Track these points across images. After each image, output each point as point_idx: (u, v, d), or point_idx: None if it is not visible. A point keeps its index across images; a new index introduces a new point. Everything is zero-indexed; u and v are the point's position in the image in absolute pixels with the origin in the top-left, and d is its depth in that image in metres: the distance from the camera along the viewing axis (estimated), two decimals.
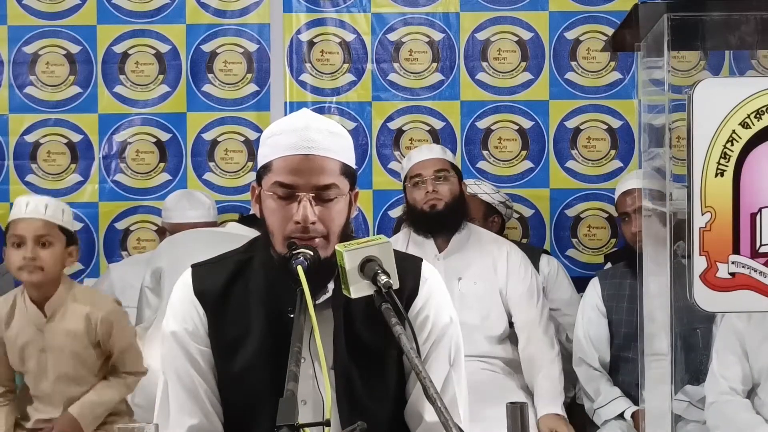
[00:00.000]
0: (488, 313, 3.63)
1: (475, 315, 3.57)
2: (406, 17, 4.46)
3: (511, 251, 3.71)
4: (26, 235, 3.09)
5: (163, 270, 3.67)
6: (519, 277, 3.66)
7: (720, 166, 1.99)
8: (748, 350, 3.05)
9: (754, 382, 3.08)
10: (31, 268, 3.08)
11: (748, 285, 2.02)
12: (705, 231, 2.00)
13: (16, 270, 3.12)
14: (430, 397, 1.54)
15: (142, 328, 3.69)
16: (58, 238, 3.14)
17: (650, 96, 2.13)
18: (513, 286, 3.64)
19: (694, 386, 3.35)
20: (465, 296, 3.57)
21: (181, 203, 4.18)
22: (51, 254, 3.11)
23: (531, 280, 3.68)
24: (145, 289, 3.80)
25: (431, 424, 1.96)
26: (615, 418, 3.57)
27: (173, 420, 2.00)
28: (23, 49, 4.43)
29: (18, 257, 3.09)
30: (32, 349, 3.16)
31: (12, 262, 3.11)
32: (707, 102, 1.99)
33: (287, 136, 1.94)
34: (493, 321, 3.64)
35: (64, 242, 3.16)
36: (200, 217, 4.14)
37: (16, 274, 3.15)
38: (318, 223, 1.91)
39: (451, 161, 3.80)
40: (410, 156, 3.83)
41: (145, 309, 3.83)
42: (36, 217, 3.11)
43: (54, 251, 3.12)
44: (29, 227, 3.10)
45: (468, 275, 3.64)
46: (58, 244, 3.13)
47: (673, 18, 1.99)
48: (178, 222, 4.12)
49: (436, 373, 1.97)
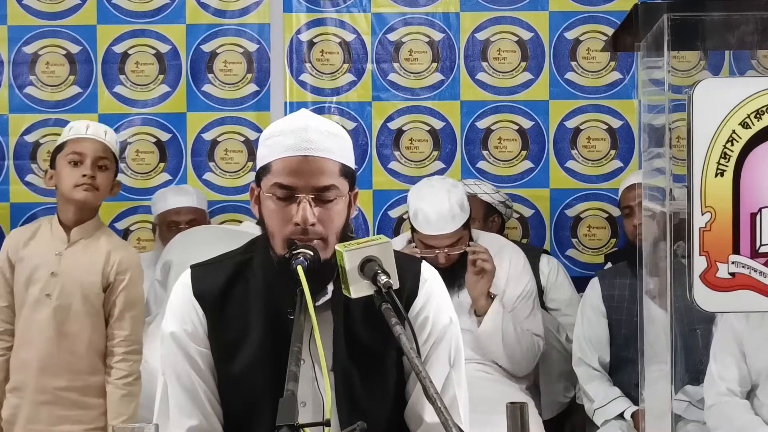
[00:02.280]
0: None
1: (474, 322, 3.56)
2: (406, 17, 4.46)
3: (513, 259, 3.70)
4: (87, 154, 3.10)
5: (172, 263, 3.68)
6: (518, 284, 3.66)
7: (720, 166, 1.99)
8: (746, 352, 3.05)
9: (753, 384, 3.08)
10: (88, 187, 3.09)
11: (748, 285, 2.02)
12: (705, 231, 1.99)
13: (71, 187, 3.10)
14: (430, 398, 1.54)
15: (144, 323, 3.69)
16: (112, 164, 3.17)
17: (650, 96, 2.13)
18: (510, 292, 3.64)
19: (694, 386, 3.35)
20: (462, 304, 3.57)
21: (165, 194, 4.24)
22: (107, 178, 3.14)
23: (529, 287, 3.69)
24: (155, 282, 3.81)
25: (431, 425, 1.96)
26: (615, 418, 3.57)
27: (173, 421, 1.99)
28: (23, 49, 4.43)
29: (76, 174, 3.09)
30: (43, 272, 3.12)
31: (68, 179, 3.10)
32: (707, 102, 1.99)
33: (286, 137, 1.94)
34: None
35: (114, 171, 3.19)
36: (185, 203, 4.17)
37: (70, 192, 3.12)
38: (317, 225, 1.90)
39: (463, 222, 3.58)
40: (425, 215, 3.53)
41: (152, 301, 3.84)
42: (98, 139, 3.14)
43: (109, 176, 3.15)
44: (91, 147, 3.12)
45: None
46: (111, 170, 3.17)
47: (673, 18, 1.99)
48: (164, 211, 4.16)
49: (436, 374, 1.96)
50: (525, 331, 3.59)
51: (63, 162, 3.13)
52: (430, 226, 3.53)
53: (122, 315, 3.16)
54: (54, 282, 3.12)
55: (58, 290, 3.12)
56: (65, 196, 3.15)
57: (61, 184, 3.14)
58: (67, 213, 3.16)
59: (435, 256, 3.52)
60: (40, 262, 3.13)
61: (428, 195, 3.58)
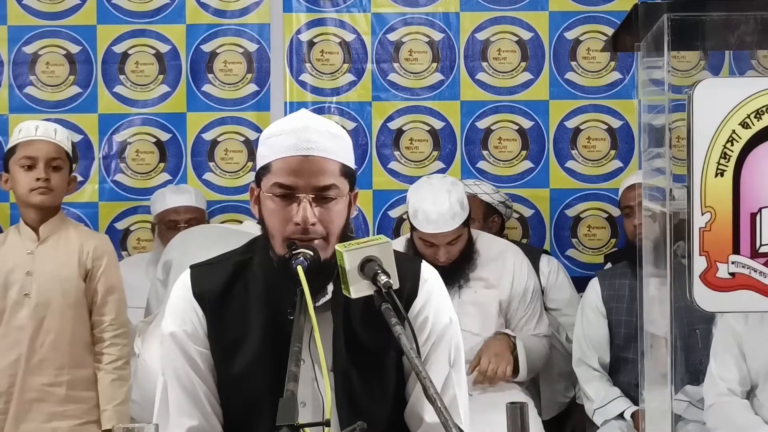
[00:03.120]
0: (485, 320, 3.63)
1: (474, 323, 3.57)
2: (406, 17, 4.45)
3: (516, 262, 3.72)
4: (39, 157, 3.09)
5: (172, 262, 3.67)
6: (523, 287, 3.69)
7: (720, 166, 1.99)
8: (746, 352, 3.05)
9: (752, 384, 3.08)
10: (43, 190, 3.09)
11: (748, 285, 2.02)
12: (705, 231, 1.99)
13: (27, 192, 3.10)
14: (430, 398, 1.54)
15: (144, 322, 3.68)
16: (65, 163, 3.16)
17: (650, 96, 2.13)
18: (516, 295, 3.67)
19: (694, 386, 3.35)
20: (464, 304, 3.57)
21: (164, 194, 4.23)
22: (61, 178, 3.13)
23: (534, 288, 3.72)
24: (156, 280, 3.80)
25: (431, 425, 1.96)
26: (615, 418, 3.57)
27: (172, 421, 1.99)
28: (23, 49, 4.43)
29: (30, 179, 3.08)
30: (18, 273, 3.12)
31: (23, 183, 3.10)
32: (707, 102, 1.99)
33: (286, 137, 1.94)
34: (491, 329, 3.64)
35: (69, 168, 3.17)
36: (184, 202, 4.16)
37: (26, 197, 3.12)
38: (318, 224, 1.90)
39: (463, 220, 3.57)
40: (425, 214, 3.53)
41: (152, 301, 3.84)
42: (48, 140, 3.12)
43: (63, 175, 3.14)
44: (43, 149, 3.10)
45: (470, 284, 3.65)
46: (65, 169, 3.15)
47: (673, 18, 1.99)
48: (162, 210, 4.15)
49: (436, 374, 1.96)
50: (540, 339, 3.68)
51: (16, 167, 3.12)
52: (431, 224, 3.52)
53: (105, 300, 3.18)
54: (30, 281, 3.12)
55: (35, 288, 3.12)
56: (22, 200, 3.15)
57: (17, 189, 3.14)
58: (29, 215, 3.17)
59: (435, 255, 3.53)
60: (14, 265, 3.13)
61: (428, 193, 3.57)
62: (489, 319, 3.64)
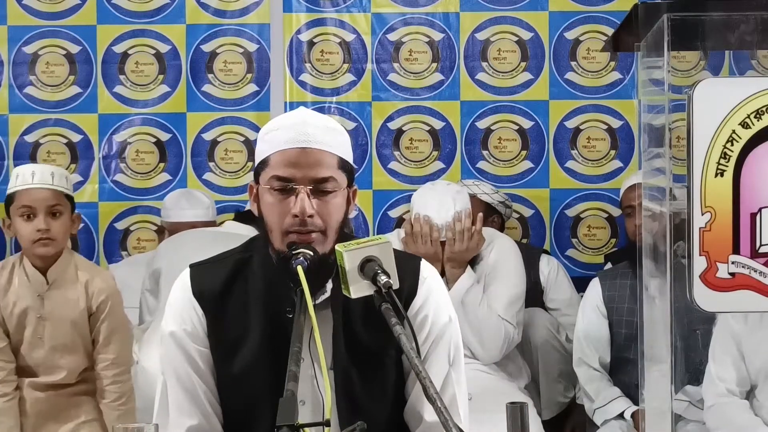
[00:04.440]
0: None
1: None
2: (406, 17, 4.46)
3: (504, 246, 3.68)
4: (37, 207, 3.04)
5: (161, 271, 3.66)
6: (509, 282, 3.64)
7: (720, 166, 1.99)
8: (745, 352, 3.05)
9: (752, 384, 3.08)
10: (45, 241, 3.04)
11: (748, 285, 2.01)
12: (705, 231, 1.99)
13: (29, 243, 3.05)
14: (430, 397, 1.53)
15: (140, 329, 3.68)
16: (66, 206, 3.10)
17: (650, 96, 2.13)
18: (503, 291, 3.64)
19: (694, 386, 3.35)
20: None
21: (180, 203, 4.18)
22: (62, 224, 3.08)
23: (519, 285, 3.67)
24: (145, 291, 3.79)
25: (431, 424, 1.96)
26: (615, 418, 3.57)
27: (172, 421, 1.99)
28: (23, 49, 4.44)
29: (31, 230, 3.03)
30: (31, 316, 3.10)
31: (24, 234, 3.05)
32: (707, 102, 1.99)
33: (284, 131, 1.94)
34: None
35: (70, 210, 3.12)
36: (198, 217, 4.14)
37: (29, 248, 3.08)
38: (316, 217, 1.90)
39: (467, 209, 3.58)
40: (426, 209, 3.55)
41: (144, 311, 3.83)
42: (45, 187, 3.06)
43: (64, 220, 3.09)
44: (40, 197, 3.04)
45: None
46: (66, 212, 3.10)
47: (673, 18, 1.99)
48: (176, 221, 4.12)
49: (435, 373, 1.96)
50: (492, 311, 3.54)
51: (16, 216, 3.08)
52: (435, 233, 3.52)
53: (107, 340, 3.16)
54: (43, 325, 3.12)
55: (48, 333, 3.12)
56: (26, 249, 3.13)
57: (19, 238, 3.11)
58: (35, 261, 3.12)
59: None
60: (27, 307, 3.11)
61: (433, 201, 3.55)
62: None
